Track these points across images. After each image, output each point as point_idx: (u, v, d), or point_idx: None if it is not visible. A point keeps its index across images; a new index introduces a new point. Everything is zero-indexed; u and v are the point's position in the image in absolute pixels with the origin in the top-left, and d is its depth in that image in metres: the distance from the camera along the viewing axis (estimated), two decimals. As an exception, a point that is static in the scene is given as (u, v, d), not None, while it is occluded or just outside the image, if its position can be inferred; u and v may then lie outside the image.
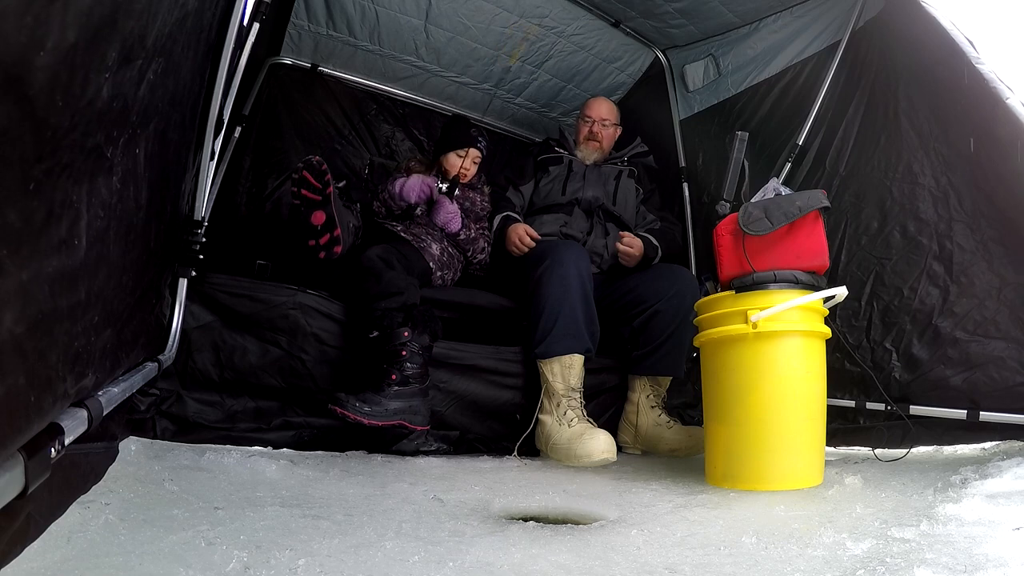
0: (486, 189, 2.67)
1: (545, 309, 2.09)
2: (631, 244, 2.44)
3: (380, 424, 1.74)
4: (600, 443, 1.88)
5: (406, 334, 1.84)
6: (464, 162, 2.51)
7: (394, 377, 1.79)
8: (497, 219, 2.57)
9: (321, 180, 1.79)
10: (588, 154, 2.74)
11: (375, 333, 1.86)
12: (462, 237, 2.43)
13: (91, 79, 0.66)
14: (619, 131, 2.84)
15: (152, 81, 0.92)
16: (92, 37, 0.63)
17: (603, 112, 2.78)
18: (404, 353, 1.82)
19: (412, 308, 1.90)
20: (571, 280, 2.10)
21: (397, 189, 2.34)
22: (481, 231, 2.53)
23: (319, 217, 1.77)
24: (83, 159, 0.69)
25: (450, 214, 2.37)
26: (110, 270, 0.92)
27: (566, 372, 2.05)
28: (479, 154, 2.56)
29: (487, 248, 2.53)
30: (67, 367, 0.79)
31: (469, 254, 2.48)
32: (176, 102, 1.19)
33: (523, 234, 2.40)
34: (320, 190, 1.81)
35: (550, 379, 2.06)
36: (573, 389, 2.06)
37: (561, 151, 2.75)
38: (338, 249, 1.86)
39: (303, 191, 1.86)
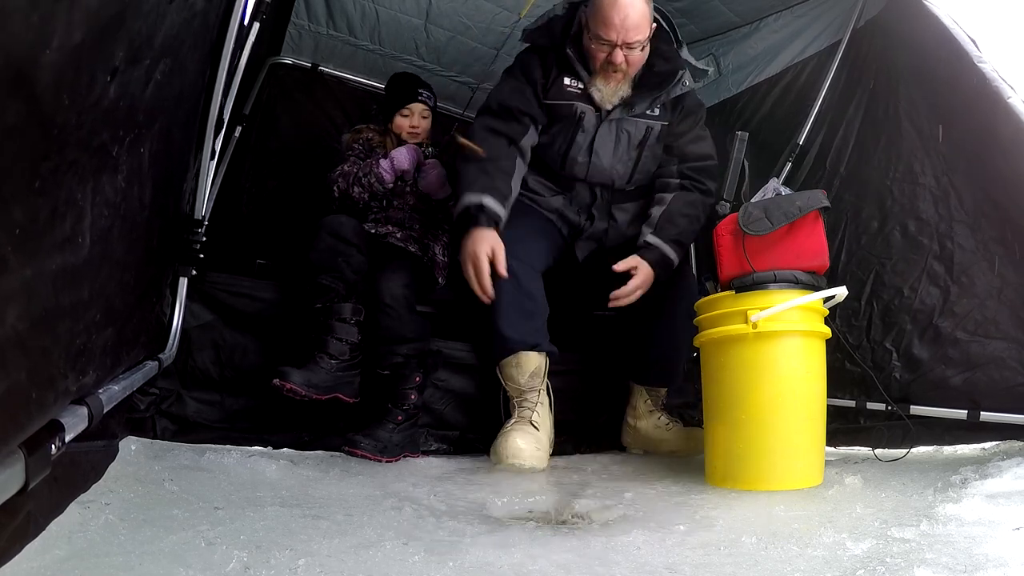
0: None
1: (484, 315, 1.92)
2: (624, 293, 1.93)
3: (393, 460, 1.84)
4: (507, 448, 1.81)
5: (417, 379, 1.92)
6: (411, 120, 2.31)
7: (400, 419, 1.89)
8: (465, 199, 1.85)
9: (305, 395, 1.74)
10: (608, 93, 1.97)
11: (387, 372, 1.90)
12: (453, 203, 2.24)
13: (98, 78, 0.66)
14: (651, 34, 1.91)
15: (159, 81, 0.92)
16: (99, 36, 0.63)
17: (630, 29, 1.80)
18: (413, 397, 1.91)
19: (426, 355, 1.95)
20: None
21: (386, 165, 2.15)
22: None
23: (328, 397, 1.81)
24: (89, 158, 0.70)
25: (441, 177, 2.19)
26: (112, 268, 0.92)
27: (514, 372, 1.93)
28: (424, 107, 2.32)
29: None
30: (69, 364, 0.79)
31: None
32: (181, 102, 1.20)
33: (484, 266, 1.79)
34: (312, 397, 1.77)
35: (503, 382, 1.96)
36: (525, 389, 1.93)
37: (573, 83, 1.99)
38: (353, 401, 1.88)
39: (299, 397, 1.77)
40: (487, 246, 1.79)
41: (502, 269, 1.80)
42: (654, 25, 1.93)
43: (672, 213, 2.03)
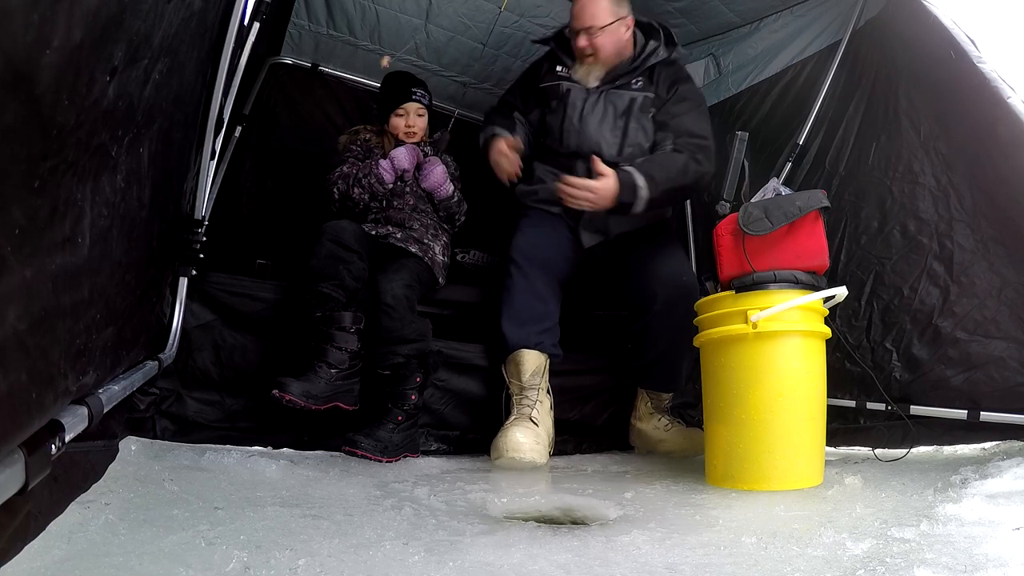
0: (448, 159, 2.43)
1: (493, 315, 2.06)
2: (574, 181, 2.00)
3: (393, 460, 1.85)
4: (506, 442, 1.84)
5: (418, 379, 1.93)
6: (407, 120, 2.32)
7: (401, 419, 1.89)
8: (482, 136, 2.27)
9: (304, 406, 1.74)
10: (582, 73, 2.25)
11: (387, 372, 1.90)
12: (455, 199, 2.30)
13: (97, 78, 0.66)
14: (626, 25, 2.20)
15: (157, 81, 0.92)
16: (99, 37, 0.63)
17: (586, 17, 2.13)
18: (413, 397, 1.92)
19: (427, 356, 1.96)
20: (513, 274, 2.07)
21: (386, 165, 2.18)
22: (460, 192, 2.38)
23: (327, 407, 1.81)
24: (88, 158, 0.70)
25: (444, 174, 2.25)
26: (113, 268, 0.92)
27: (516, 370, 2.00)
28: (419, 106, 2.33)
29: (466, 209, 2.38)
30: (69, 364, 0.79)
31: (456, 219, 2.35)
32: (180, 102, 1.20)
33: (502, 151, 2.14)
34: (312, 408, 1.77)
35: (507, 380, 2.03)
36: (526, 387, 1.99)
37: (562, 69, 2.29)
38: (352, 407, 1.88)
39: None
40: (496, 149, 2.18)
41: (513, 144, 2.16)
42: (628, 18, 2.21)
43: (654, 158, 2.15)
